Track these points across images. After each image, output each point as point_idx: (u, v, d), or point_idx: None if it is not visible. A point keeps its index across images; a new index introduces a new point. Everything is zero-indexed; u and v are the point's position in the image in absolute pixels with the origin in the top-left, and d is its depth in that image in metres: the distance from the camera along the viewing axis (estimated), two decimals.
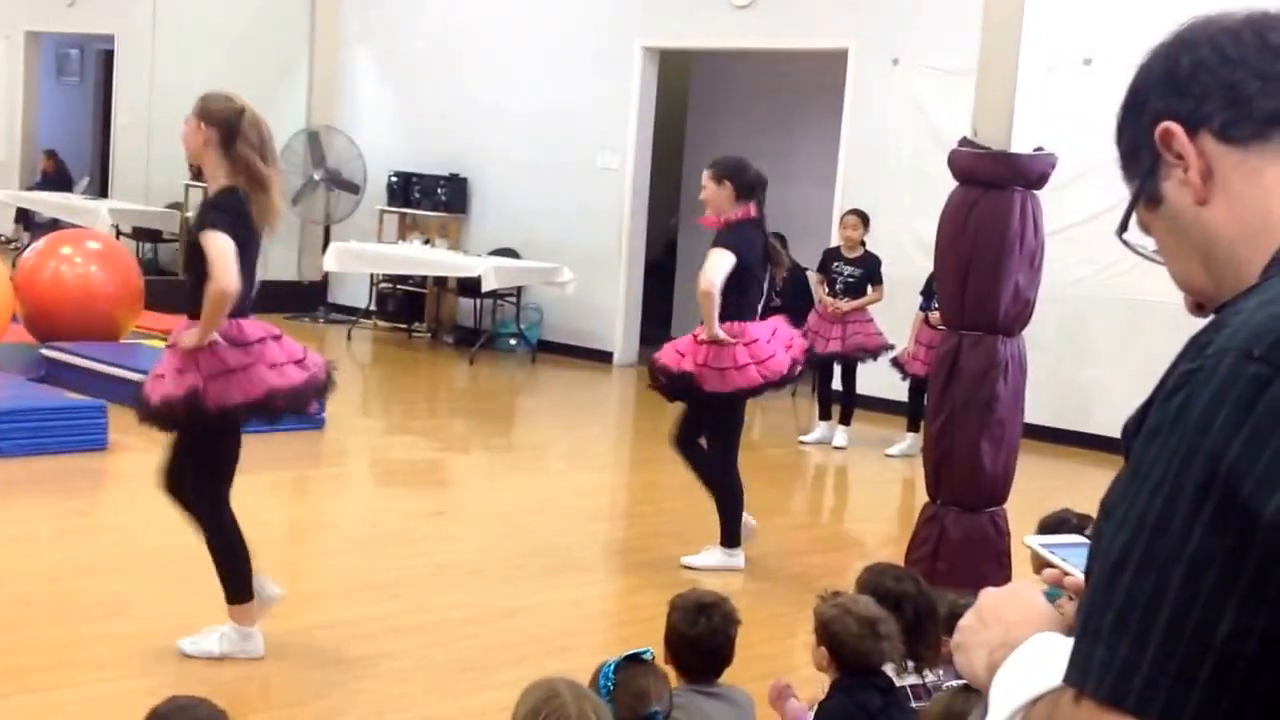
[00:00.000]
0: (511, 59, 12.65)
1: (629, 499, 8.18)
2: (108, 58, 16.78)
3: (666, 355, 6.23)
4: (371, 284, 13.33)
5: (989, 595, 1.45)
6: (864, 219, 9.53)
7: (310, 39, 14.09)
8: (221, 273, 4.35)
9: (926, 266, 9.53)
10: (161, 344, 9.79)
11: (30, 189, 16.67)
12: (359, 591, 5.59)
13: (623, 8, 12.03)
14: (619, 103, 11.97)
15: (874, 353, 9.49)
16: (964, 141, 5.20)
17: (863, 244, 9.49)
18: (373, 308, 13.31)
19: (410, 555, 6.14)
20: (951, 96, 10.42)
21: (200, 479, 4.63)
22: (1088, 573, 1.20)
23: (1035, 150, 5.19)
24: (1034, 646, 1.28)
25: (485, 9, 12.87)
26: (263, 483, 7.54)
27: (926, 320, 9.09)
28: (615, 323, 11.92)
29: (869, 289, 9.43)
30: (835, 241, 9.92)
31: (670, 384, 6.16)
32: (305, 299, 13.60)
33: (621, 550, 6.91)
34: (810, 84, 12.05)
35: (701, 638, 3.42)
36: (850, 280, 9.38)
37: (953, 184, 5.12)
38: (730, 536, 6.29)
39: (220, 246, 4.38)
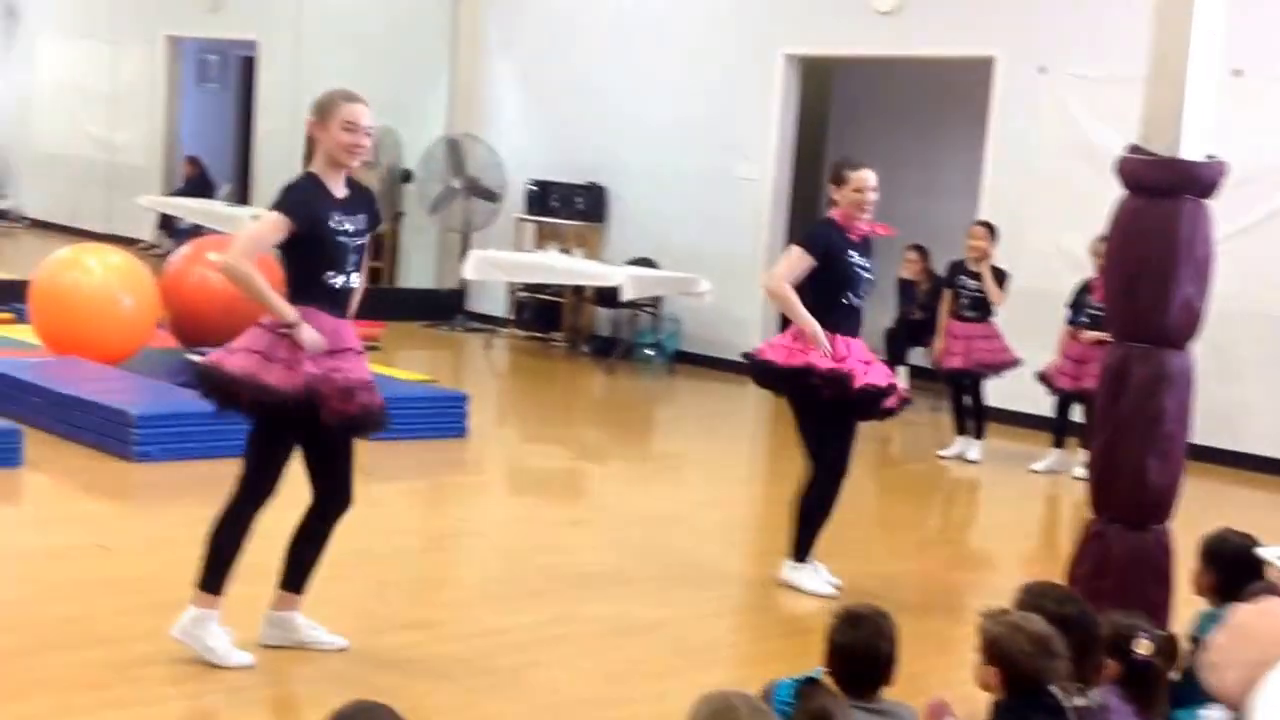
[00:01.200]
0: (652, 67, 12.60)
1: (767, 511, 8.07)
2: (247, 64, 17.05)
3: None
4: (509, 293, 13.35)
5: (1242, 613, 1.33)
6: (991, 230, 9.26)
7: (452, 47, 14.16)
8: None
9: (1070, 279, 9.32)
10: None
11: (172, 195, 16.98)
12: (505, 600, 5.55)
13: (765, 15, 11.92)
14: (759, 111, 11.86)
15: (998, 369, 9.25)
16: (1133, 148, 5.01)
17: (989, 256, 9.23)
18: (510, 316, 13.34)
19: (553, 565, 6.08)
20: (1100, 105, 10.18)
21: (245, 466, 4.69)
22: None
23: (1207, 158, 4.99)
24: None
25: (626, 17, 12.84)
26: (404, 490, 7.57)
27: (1074, 334, 8.85)
28: (753, 333, 11.79)
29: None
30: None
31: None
32: (443, 307, 13.67)
33: (761, 563, 6.80)
34: (955, 93, 11.85)
35: (856, 648, 3.35)
36: (977, 295, 9.13)
37: (1100, 195, 4.96)
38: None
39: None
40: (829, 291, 5.79)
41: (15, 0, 19.52)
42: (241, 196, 16.47)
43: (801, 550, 6.01)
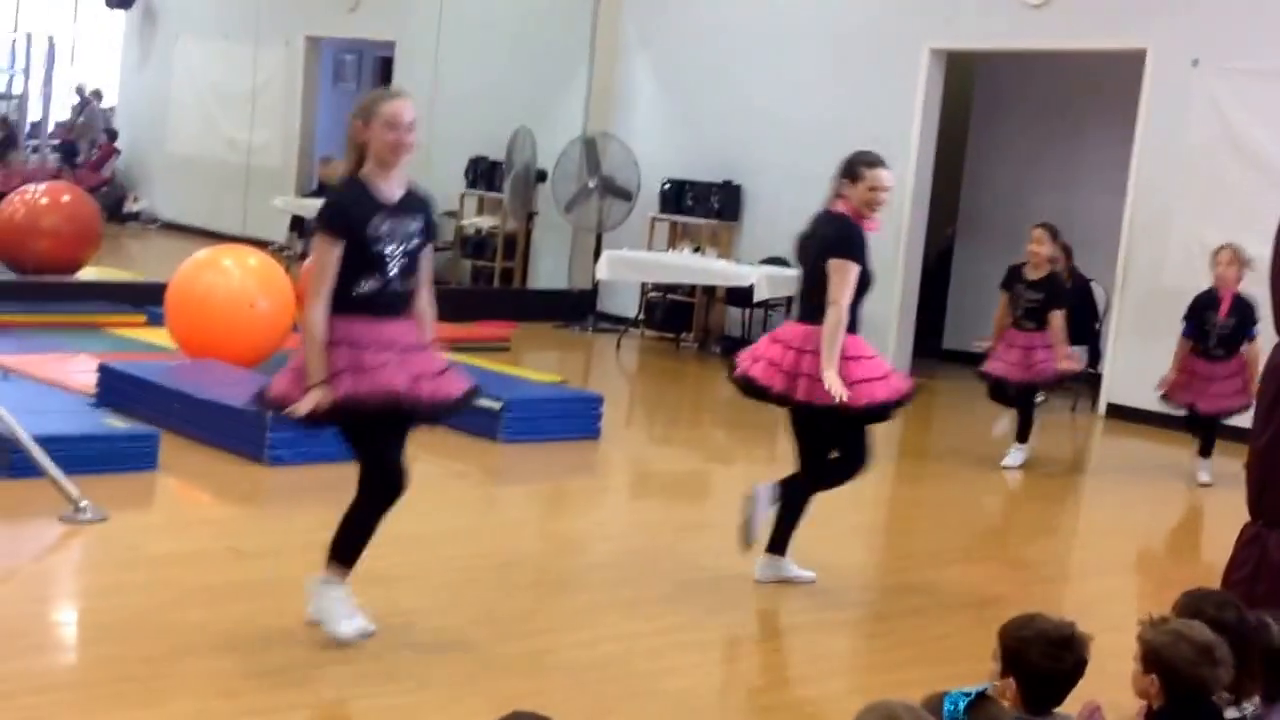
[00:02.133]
0: (790, 64, 12.42)
1: (897, 514, 7.92)
2: (384, 64, 17.14)
3: None
4: (641, 293, 13.25)
5: None
6: (1053, 234, 8.79)
7: (591, 46, 14.11)
8: None
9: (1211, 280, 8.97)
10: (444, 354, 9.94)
11: (306, 196, 17.14)
12: (636, 605, 5.44)
13: (911, 9, 11.68)
14: (901, 108, 11.61)
15: (1052, 383, 8.89)
16: None
17: (1050, 262, 8.76)
18: (641, 317, 13.23)
19: (683, 570, 5.97)
20: (1254, 100, 9.81)
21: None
22: None
23: None
24: None
25: (764, 14, 12.67)
26: (533, 493, 7.50)
27: (1192, 349, 8.48)
28: (888, 333, 11.56)
29: (1051, 314, 8.60)
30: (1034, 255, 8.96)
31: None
32: (575, 307, 13.61)
33: (892, 569, 6.63)
34: (1102, 86, 11.50)
35: (1065, 674, 3.23)
36: (1031, 305, 8.67)
37: (1252, 192, 4.70)
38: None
39: None
40: (855, 297, 5.57)
41: (154, 2, 19.87)
42: None
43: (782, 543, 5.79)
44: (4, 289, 11.37)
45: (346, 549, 4.80)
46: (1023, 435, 8.83)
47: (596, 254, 12.97)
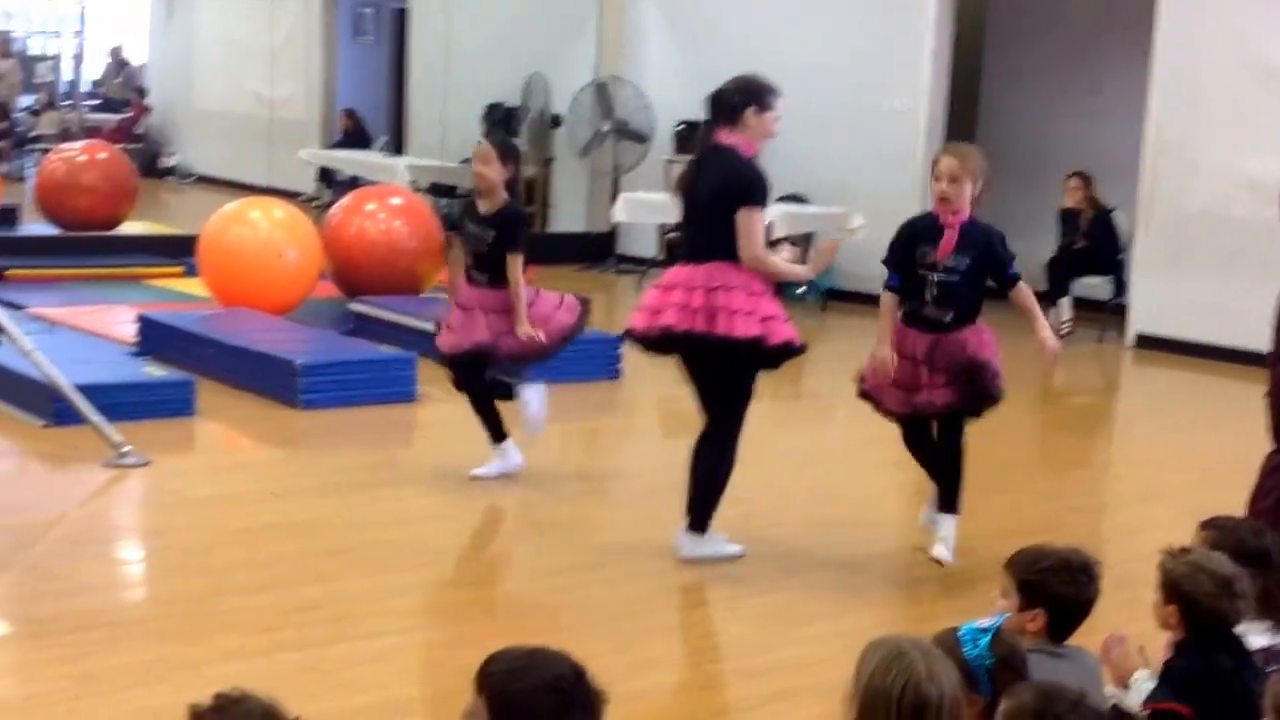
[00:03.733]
0: (800, 1, 12.41)
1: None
2: (400, 16, 17.20)
3: None
4: (660, 234, 13.33)
5: None
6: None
7: None
8: None
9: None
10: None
11: (330, 148, 17.25)
12: (662, 543, 5.53)
13: None
14: (911, 41, 11.61)
15: None
16: None
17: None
18: (661, 257, 13.31)
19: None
20: (1274, 19, 9.76)
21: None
22: None
23: None
24: None
25: None
26: (558, 433, 7.61)
27: None
28: None
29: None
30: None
31: None
32: (595, 250, 13.70)
33: (916, 503, 6.72)
34: (1118, 12, 11.46)
35: (1089, 600, 3.24)
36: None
37: (1274, 112, 4.71)
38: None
39: None
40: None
41: None
42: (396, 147, 16.66)
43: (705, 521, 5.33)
44: (47, 244, 11.70)
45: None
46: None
47: (614, 197, 13.04)
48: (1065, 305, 10.44)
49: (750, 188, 5.14)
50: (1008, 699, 2.53)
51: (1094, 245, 10.53)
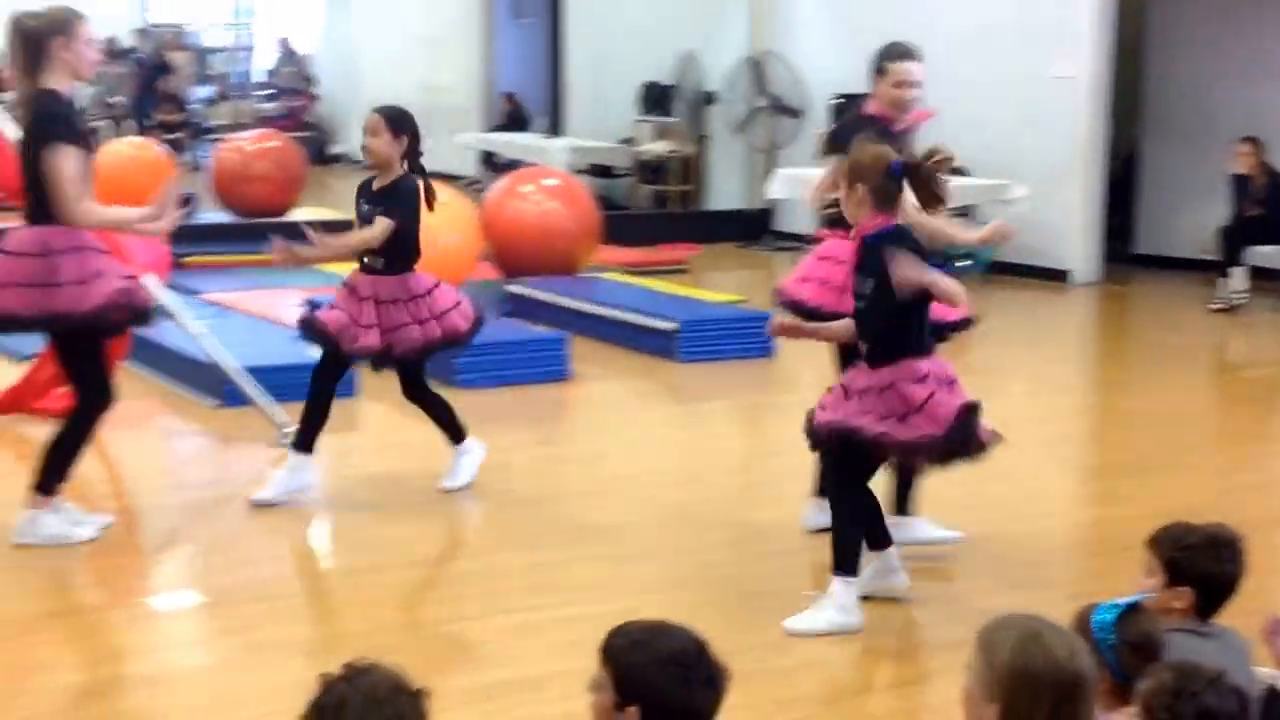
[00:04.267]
0: None
1: (1097, 424, 7.81)
2: None
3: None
4: (817, 209, 13.24)
5: None
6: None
7: None
8: None
9: None
10: (622, 278, 10.14)
11: (491, 131, 17.47)
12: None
13: None
14: (1072, 5, 11.34)
15: None
16: None
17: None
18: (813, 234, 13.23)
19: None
20: None
21: None
22: None
23: None
24: None
25: None
26: (716, 411, 7.65)
27: None
28: (1073, 240, 11.39)
29: None
30: None
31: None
32: (752, 227, 13.68)
33: (1086, 478, 6.62)
34: None
35: (1230, 578, 3.15)
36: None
37: None
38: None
39: None
40: None
41: None
42: (555, 129, 16.81)
43: None
44: (222, 231, 12.08)
45: None
46: None
47: (769, 173, 13.00)
48: (1239, 275, 10.13)
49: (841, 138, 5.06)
50: (1147, 678, 2.48)
51: (1268, 212, 10.19)
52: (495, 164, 16.70)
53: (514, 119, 17.45)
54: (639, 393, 7.81)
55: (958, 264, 11.79)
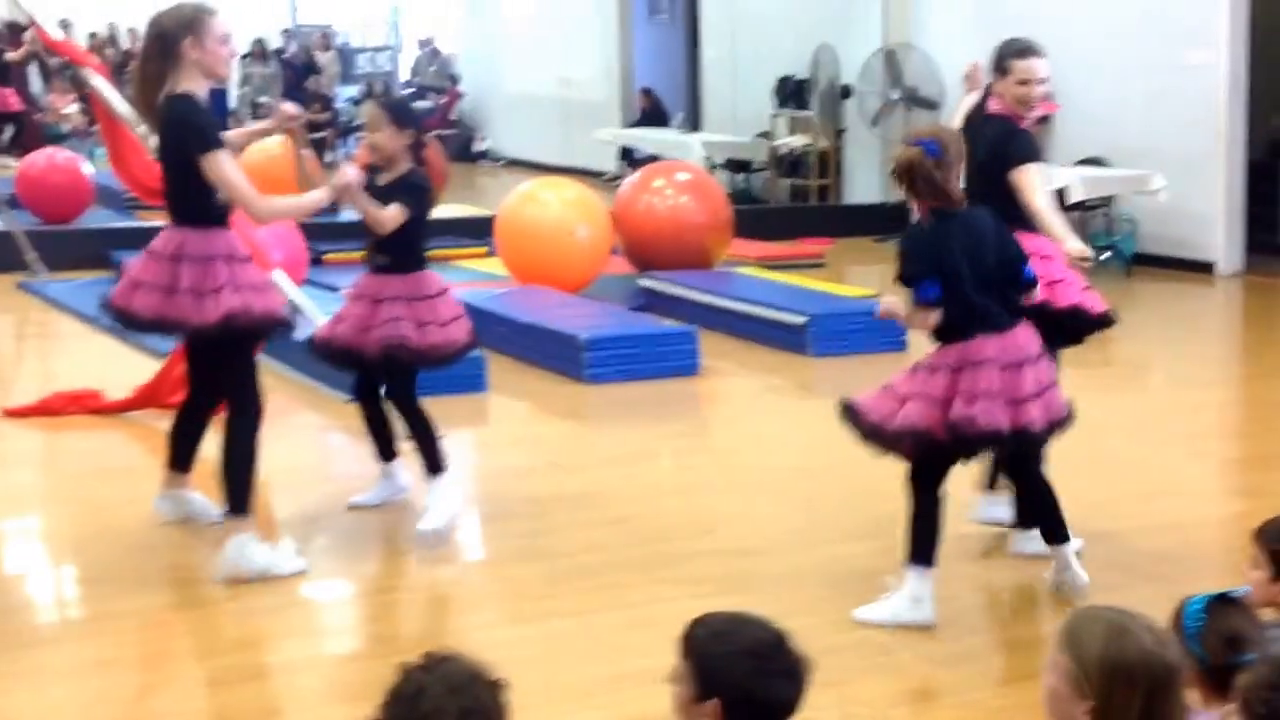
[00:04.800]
0: None
1: (1240, 417, 7.62)
2: None
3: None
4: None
5: None
6: None
7: None
8: None
9: None
10: (755, 272, 10.15)
11: (629, 127, 17.57)
12: None
13: None
14: None
15: None
16: None
17: None
18: None
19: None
20: None
21: None
22: None
23: None
24: None
25: None
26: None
27: None
28: (1216, 230, 11.12)
29: None
30: None
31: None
32: (890, 220, 13.55)
33: (1227, 471, 6.47)
34: None
35: None
36: None
37: None
38: None
39: None
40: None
41: None
42: (692, 124, 16.85)
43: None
44: (361, 229, 12.16)
45: None
46: None
47: None
48: None
49: (1027, 145, 5.01)
50: (1249, 672, 2.45)
51: None
52: (634, 159, 16.80)
53: (652, 114, 17.53)
54: (769, 387, 7.82)
55: (1100, 257, 11.59)
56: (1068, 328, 4.98)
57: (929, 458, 4.37)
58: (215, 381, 5.00)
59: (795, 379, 7.95)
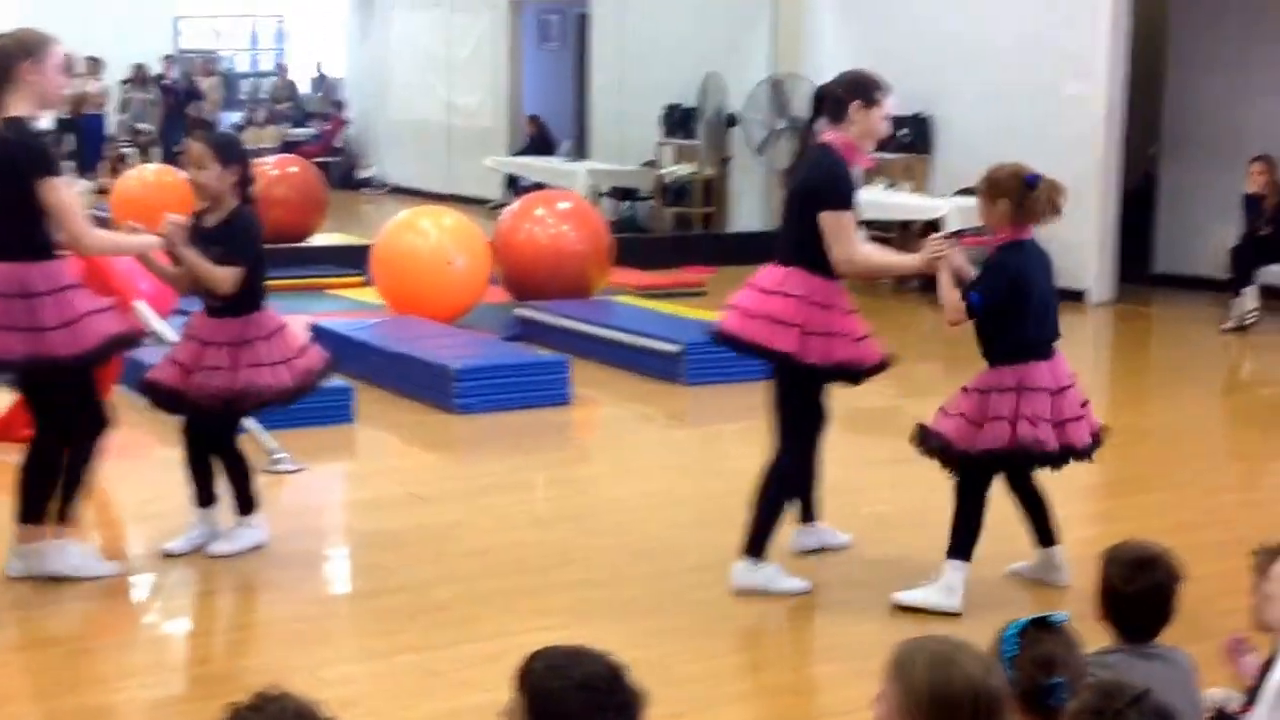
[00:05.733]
0: None
1: (1109, 440, 7.71)
2: (583, 21, 17.41)
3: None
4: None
5: None
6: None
7: None
8: None
9: None
10: (634, 300, 10.14)
11: (517, 154, 17.55)
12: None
13: None
14: (1088, 23, 11.29)
15: None
16: None
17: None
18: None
19: (873, 502, 6.01)
20: None
21: None
22: None
23: None
24: None
25: None
26: (717, 434, 7.63)
27: None
28: (1089, 259, 11.31)
29: None
30: None
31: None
32: (772, 249, 13.64)
33: (1086, 496, 6.55)
34: None
35: (1141, 595, 3.17)
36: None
37: None
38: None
39: None
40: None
41: None
42: (580, 152, 16.86)
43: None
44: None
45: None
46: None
47: None
48: (1250, 294, 10.04)
49: (836, 188, 4.78)
50: (1074, 699, 2.48)
51: (1279, 232, 10.11)
52: (520, 187, 16.77)
53: (539, 142, 17.52)
54: (640, 416, 7.80)
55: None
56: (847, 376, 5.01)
57: (991, 470, 4.79)
58: (63, 412, 4.88)
59: (667, 408, 7.94)
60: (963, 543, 4.81)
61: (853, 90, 4.89)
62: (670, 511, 5.93)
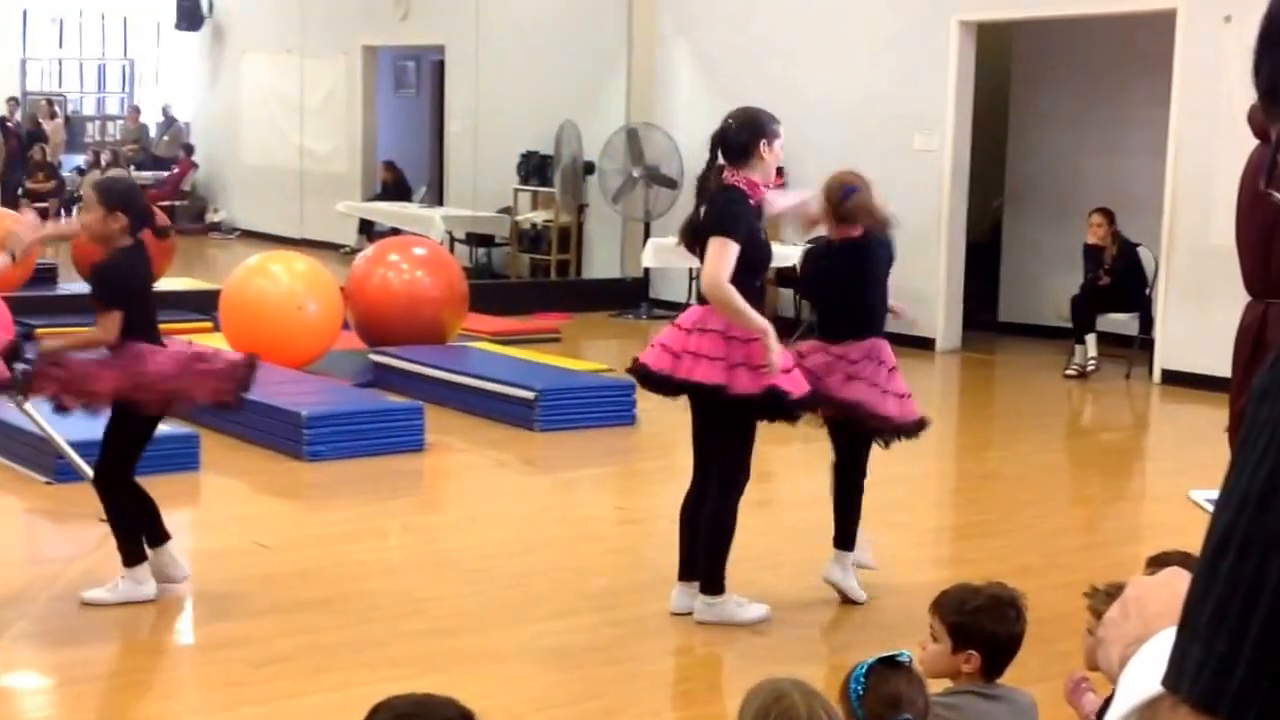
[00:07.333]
0: (823, 44, 12.43)
1: (943, 489, 7.89)
2: (439, 68, 17.40)
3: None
4: (690, 279, 13.31)
5: (1136, 585, 1.23)
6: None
7: (628, 37, 14.21)
8: None
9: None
10: (489, 347, 10.12)
11: (371, 200, 17.43)
12: (653, 587, 5.50)
13: None
14: (935, 81, 11.58)
15: None
16: None
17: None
18: (693, 303, 13.29)
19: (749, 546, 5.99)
20: None
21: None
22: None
23: None
24: (1163, 642, 1.07)
25: None
26: (567, 479, 7.62)
27: None
28: (936, 308, 11.55)
29: None
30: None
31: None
32: (628, 296, 13.72)
33: (928, 541, 6.67)
34: (1141, 47, 11.39)
35: (1018, 635, 3.17)
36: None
37: None
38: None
39: None
40: (747, 276, 4.86)
41: (221, 21, 20.31)
42: (437, 198, 16.81)
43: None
44: (80, 303, 11.74)
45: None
46: None
47: (646, 243, 13.07)
48: (1091, 342, 10.33)
49: (727, 218, 4.86)
50: None
51: (1119, 281, 10.43)
52: (374, 233, 16.65)
53: (394, 188, 17.42)
54: (494, 463, 7.76)
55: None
56: (780, 407, 5.00)
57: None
58: None
59: (521, 454, 7.90)
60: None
61: (755, 132, 5.00)
62: (522, 559, 5.90)
